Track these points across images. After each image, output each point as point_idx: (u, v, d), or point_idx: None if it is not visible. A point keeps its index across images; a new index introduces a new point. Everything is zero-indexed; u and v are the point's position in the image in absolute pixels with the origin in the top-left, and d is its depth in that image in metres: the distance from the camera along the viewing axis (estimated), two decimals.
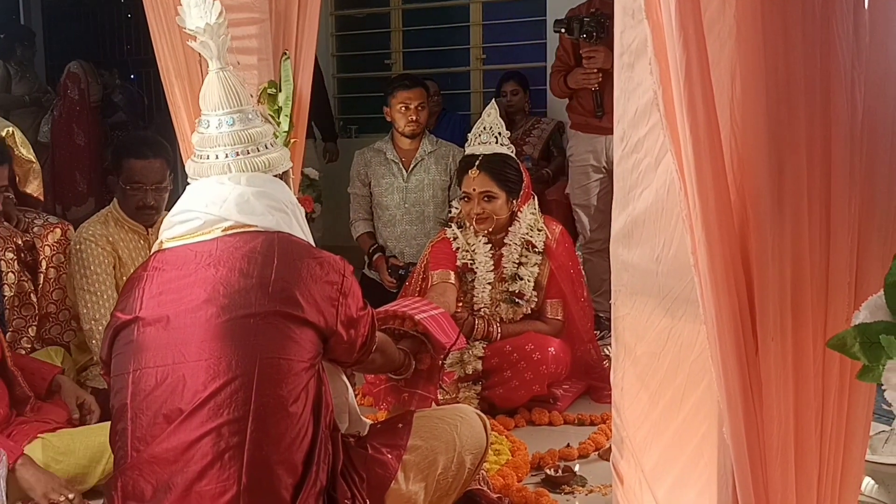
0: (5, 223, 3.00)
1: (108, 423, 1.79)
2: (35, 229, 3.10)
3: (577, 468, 2.57)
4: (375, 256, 4.18)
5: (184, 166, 2.09)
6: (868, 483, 2.36)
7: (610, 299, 1.50)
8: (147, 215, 3.02)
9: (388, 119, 4.25)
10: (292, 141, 2.98)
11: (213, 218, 1.79)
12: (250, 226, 1.80)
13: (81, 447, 2.40)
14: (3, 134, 3.20)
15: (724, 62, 1.19)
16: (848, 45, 1.20)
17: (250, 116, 1.87)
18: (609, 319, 1.60)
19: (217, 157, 1.83)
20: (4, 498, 2.09)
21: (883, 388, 0.98)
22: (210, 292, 1.71)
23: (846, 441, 1.26)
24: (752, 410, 1.19)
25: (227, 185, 1.82)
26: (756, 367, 1.19)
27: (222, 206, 1.79)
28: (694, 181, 1.17)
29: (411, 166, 4.21)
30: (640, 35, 1.33)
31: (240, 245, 1.76)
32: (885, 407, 0.99)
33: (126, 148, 3.07)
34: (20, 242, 3.01)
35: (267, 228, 1.80)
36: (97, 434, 2.37)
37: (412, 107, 4.13)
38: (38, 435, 2.40)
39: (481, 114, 3.33)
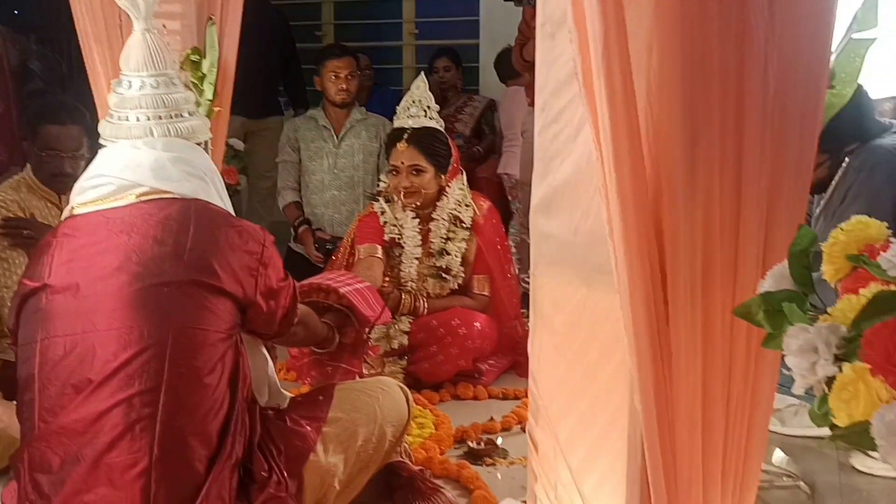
0: None
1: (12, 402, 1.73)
2: None
3: (499, 441, 2.59)
4: (301, 229, 4.13)
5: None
6: (778, 454, 2.44)
7: None
8: (62, 183, 2.92)
9: (319, 88, 4.22)
10: (216, 110, 2.91)
11: (127, 183, 1.74)
12: (166, 192, 1.75)
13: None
14: None
15: (642, 34, 1.19)
16: (763, 20, 1.22)
17: (174, 81, 1.82)
18: None
19: (138, 120, 1.77)
20: None
21: (783, 353, 1.00)
22: (122, 260, 1.66)
23: (752, 408, 1.30)
24: (662, 379, 1.22)
25: (143, 149, 1.77)
26: (667, 336, 1.21)
27: (136, 170, 1.74)
28: (610, 151, 1.18)
29: (342, 132, 4.19)
30: (562, 5, 1.32)
31: (154, 212, 1.72)
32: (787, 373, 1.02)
33: (42, 113, 2.96)
34: None
35: (183, 195, 1.76)
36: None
37: (342, 75, 4.10)
38: None
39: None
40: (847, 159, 2.58)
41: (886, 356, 0.85)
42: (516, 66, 4.23)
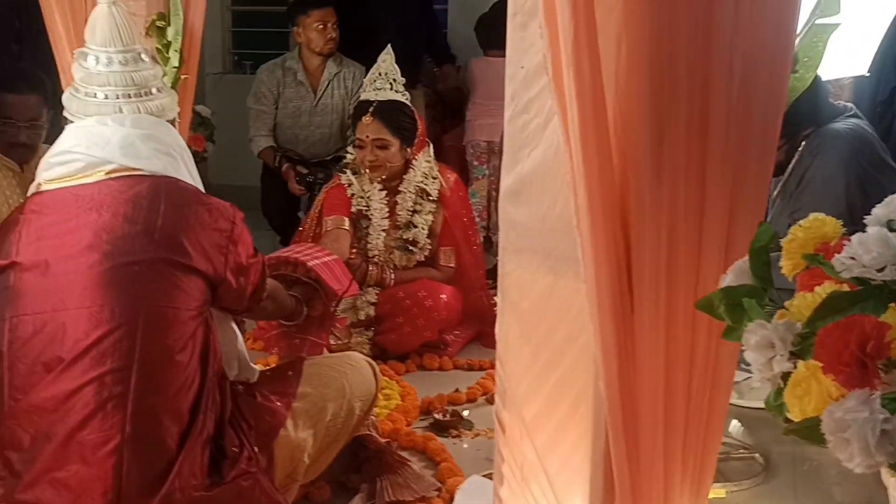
0: None
1: None
2: None
3: (465, 413, 2.64)
4: (285, 167, 4.18)
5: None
6: (735, 426, 2.52)
7: None
8: (19, 153, 2.88)
9: (299, 40, 4.22)
10: (183, 77, 2.88)
11: (96, 160, 1.73)
12: (135, 169, 1.74)
13: None
14: None
15: (610, 28, 1.21)
16: (729, 16, 1.24)
17: (143, 57, 1.81)
18: None
19: (106, 97, 1.76)
20: None
21: (742, 348, 1.05)
22: (92, 238, 1.66)
23: (712, 392, 1.35)
24: (625, 366, 1.26)
25: (111, 126, 1.76)
26: (630, 324, 1.25)
27: (105, 147, 1.73)
28: (579, 144, 1.20)
29: (319, 90, 4.25)
30: None
31: (124, 189, 1.71)
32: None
33: (0, 81, 2.90)
34: None
35: (153, 172, 1.75)
36: None
37: (329, 24, 4.14)
38: None
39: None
40: (803, 143, 2.65)
41: (837, 356, 0.90)
42: None
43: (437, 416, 2.61)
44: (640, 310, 1.24)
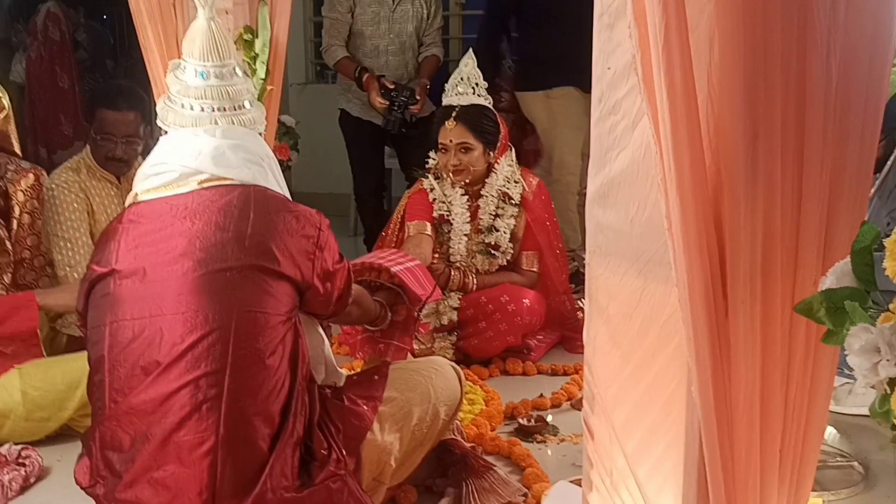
0: None
1: (84, 352, 1.80)
2: (8, 175, 3.06)
3: (549, 418, 2.62)
4: (366, 77, 4.11)
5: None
6: (831, 433, 2.43)
7: None
8: (115, 167, 2.99)
9: None
10: (269, 88, 2.95)
11: (189, 171, 1.78)
12: (226, 179, 1.79)
13: (59, 373, 2.46)
14: None
15: (702, 27, 1.19)
16: (825, 11, 1.20)
17: (236, 72, 1.86)
18: None
19: (202, 110, 1.81)
20: None
21: (846, 352, 1.01)
22: (186, 246, 1.71)
23: (810, 399, 1.30)
24: (720, 371, 1.23)
25: (202, 137, 1.81)
26: (725, 329, 1.22)
27: (198, 158, 1.78)
28: (670, 145, 1.18)
29: None
30: None
31: (216, 198, 1.76)
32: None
33: (101, 97, 3.02)
34: None
35: (243, 181, 1.80)
36: (74, 360, 2.42)
37: None
38: (14, 366, 2.43)
39: (459, 62, 3.31)
40: None
41: None
42: None
43: (521, 421, 2.59)
44: (735, 314, 1.21)
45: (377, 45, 4.24)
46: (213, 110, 1.80)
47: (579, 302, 2.98)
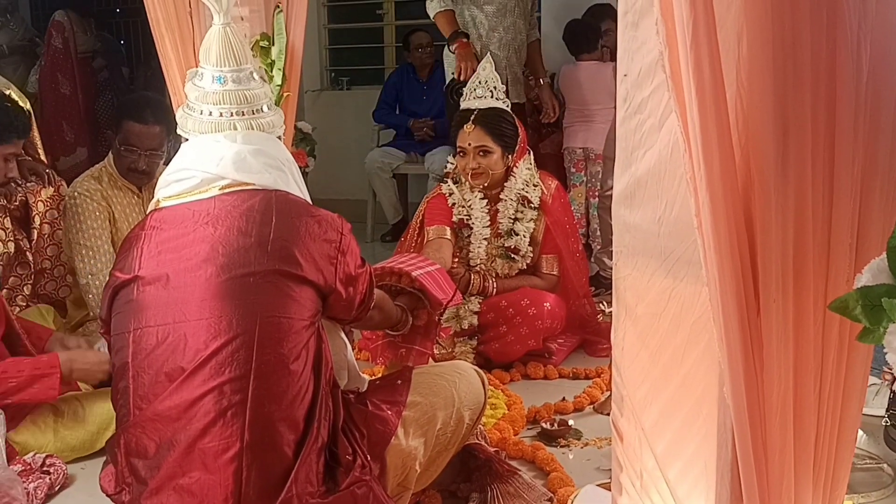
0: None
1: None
2: (28, 185, 3.08)
3: (571, 422, 2.60)
4: (458, 40, 3.93)
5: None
6: (860, 435, 2.40)
7: None
8: (137, 178, 3.01)
9: None
10: (285, 95, 2.96)
11: (211, 176, 1.78)
12: (248, 184, 1.79)
13: (91, 414, 2.43)
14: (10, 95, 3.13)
15: (730, 22, 1.17)
16: (854, 5, 1.19)
17: (254, 76, 1.86)
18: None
19: (221, 115, 1.80)
20: (5, 458, 2.11)
21: (884, 350, 0.99)
22: (209, 251, 1.71)
23: (844, 399, 1.28)
24: (752, 371, 1.21)
25: (223, 142, 1.80)
26: (757, 328, 1.20)
27: (219, 164, 1.78)
28: (699, 143, 1.17)
29: None
30: None
31: (238, 203, 1.76)
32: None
33: (128, 109, 3.03)
34: (12, 204, 2.98)
35: (264, 186, 1.79)
36: (104, 400, 2.38)
37: None
38: (28, 417, 2.42)
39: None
40: None
41: None
42: None
43: (544, 425, 2.58)
44: (767, 312, 1.19)
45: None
46: (232, 115, 1.80)
47: (599, 305, 2.96)
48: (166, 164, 2.84)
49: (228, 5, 1.81)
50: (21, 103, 3.04)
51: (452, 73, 3.93)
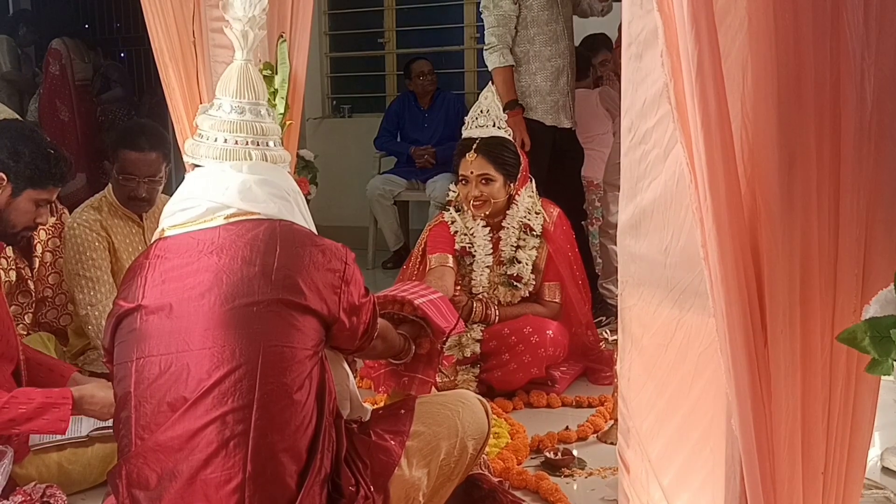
0: None
1: None
2: None
3: (575, 451, 2.58)
4: (515, 109, 3.65)
5: (180, 153, 2.08)
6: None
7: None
8: (137, 206, 3.00)
9: None
10: (288, 123, 2.97)
11: (216, 205, 1.78)
12: (253, 213, 1.79)
13: (94, 452, 2.41)
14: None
15: (735, 54, 1.18)
16: (858, 35, 1.20)
17: (269, 112, 1.90)
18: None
19: (236, 143, 1.82)
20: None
21: (894, 381, 0.99)
22: (213, 280, 1.70)
23: (852, 431, 1.28)
24: (760, 402, 1.20)
25: (229, 172, 1.81)
26: (765, 359, 1.20)
27: (224, 193, 1.78)
28: (705, 174, 1.17)
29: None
30: (649, 25, 1.32)
31: (242, 233, 1.76)
32: None
33: (123, 138, 3.03)
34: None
35: (269, 216, 1.79)
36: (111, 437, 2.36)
37: None
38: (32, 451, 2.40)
39: (476, 94, 3.32)
40: None
41: None
42: None
43: (548, 454, 2.56)
44: (775, 344, 1.19)
45: (541, 53, 3.76)
46: (248, 143, 1.82)
47: (602, 333, 2.95)
48: (165, 190, 2.85)
49: (252, 44, 1.85)
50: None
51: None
